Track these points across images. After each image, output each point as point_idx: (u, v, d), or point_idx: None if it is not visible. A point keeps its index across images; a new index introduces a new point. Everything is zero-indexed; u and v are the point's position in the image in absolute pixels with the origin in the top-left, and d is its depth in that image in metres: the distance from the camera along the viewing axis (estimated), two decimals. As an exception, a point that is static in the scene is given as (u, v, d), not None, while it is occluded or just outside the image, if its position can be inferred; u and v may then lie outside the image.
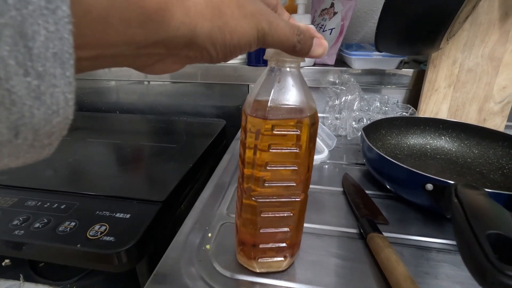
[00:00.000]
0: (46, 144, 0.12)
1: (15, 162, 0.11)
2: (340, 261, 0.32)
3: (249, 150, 0.25)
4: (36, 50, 0.10)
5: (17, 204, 0.41)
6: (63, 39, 0.10)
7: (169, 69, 0.19)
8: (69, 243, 0.35)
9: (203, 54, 0.17)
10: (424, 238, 0.35)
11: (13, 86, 0.09)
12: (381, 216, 0.38)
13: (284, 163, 0.25)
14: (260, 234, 0.28)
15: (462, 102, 0.61)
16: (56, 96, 0.11)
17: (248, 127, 0.25)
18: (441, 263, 0.31)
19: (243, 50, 0.18)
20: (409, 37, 0.45)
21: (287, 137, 0.24)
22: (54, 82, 0.10)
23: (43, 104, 0.10)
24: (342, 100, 0.62)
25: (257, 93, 0.25)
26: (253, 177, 0.26)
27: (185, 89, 0.80)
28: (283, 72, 0.24)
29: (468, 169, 0.50)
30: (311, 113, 0.25)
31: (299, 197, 0.27)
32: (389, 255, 0.29)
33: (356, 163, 0.54)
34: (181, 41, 0.15)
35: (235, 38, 0.17)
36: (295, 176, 0.26)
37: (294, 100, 0.24)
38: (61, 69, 0.10)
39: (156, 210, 0.40)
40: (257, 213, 0.27)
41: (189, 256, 0.32)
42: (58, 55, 0.10)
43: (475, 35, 0.57)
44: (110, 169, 0.51)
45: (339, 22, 0.66)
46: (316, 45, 0.21)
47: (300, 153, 0.25)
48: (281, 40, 0.19)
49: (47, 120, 0.11)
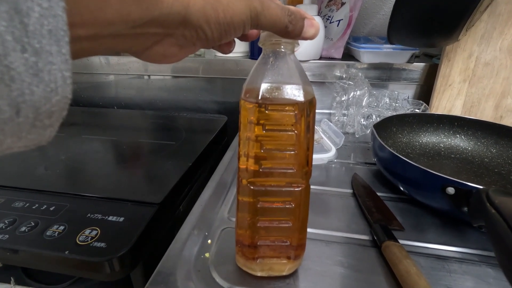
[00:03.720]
0: (47, 125, 0.12)
1: (17, 143, 0.12)
2: (351, 272, 0.29)
3: (244, 140, 0.24)
4: (32, 26, 0.10)
5: (3, 205, 0.38)
6: (57, 16, 0.10)
7: (167, 52, 0.19)
8: (57, 249, 0.32)
9: (199, 33, 0.17)
10: (443, 247, 0.32)
11: (12, 62, 0.10)
12: (396, 222, 0.35)
13: (281, 146, 0.24)
14: (258, 229, 0.26)
15: (478, 98, 0.58)
16: (54, 73, 0.11)
17: (243, 113, 0.24)
18: (465, 276, 0.28)
19: (237, 29, 0.18)
20: (426, 27, 0.41)
21: (283, 118, 0.23)
22: (50, 59, 0.11)
23: (42, 81, 0.11)
24: (350, 95, 0.59)
25: (250, 78, 0.24)
26: (249, 164, 0.24)
27: (185, 83, 0.77)
28: (277, 55, 0.24)
29: (485, 170, 0.46)
30: (307, 96, 0.23)
31: (299, 186, 0.25)
32: (408, 267, 0.26)
33: (365, 163, 0.51)
34: (175, 18, 0.16)
35: (228, 16, 0.17)
36: (293, 161, 0.24)
37: (288, 81, 0.24)
38: (57, 46, 0.11)
39: (152, 213, 0.37)
40: (254, 204, 0.25)
41: (187, 266, 0.29)
42: (53, 32, 0.10)
43: (493, 26, 0.54)
44: (104, 168, 0.48)
45: (347, 12, 0.63)
46: (308, 26, 0.21)
47: (297, 136, 0.24)
48: (273, 20, 0.19)
49: (47, 98, 0.11)
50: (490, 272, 0.29)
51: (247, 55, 0.72)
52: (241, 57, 0.71)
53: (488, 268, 0.29)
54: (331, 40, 0.67)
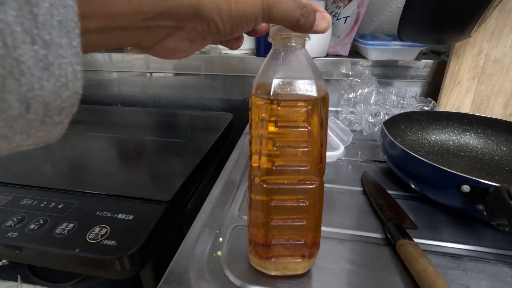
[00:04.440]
0: (57, 122, 0.12)
1: (26, 141, 0.11)
2: (365, 271, 0.29)
3: (255, 137, 0.24)
4: (41, 17, 0.09)
5: (11, 203, 0.38)
6: (67, 6, 0.10)
7: (177, 47, 0.18)
8: (67, 247, 0.32)
9: (211, 26, 0.17)
10: (458, 245, 0.32)
11: (21, 55, 0.09)
12: (409, 220, 0.34)
13: (294, 143, 0.23)
14: (271, 228, 0.25)
15: (487, 95, 0.57)
16: (64, 67, 0.10)
17: (254, 109, 0.23)
18: (481, 275, 0.28)
19: (249, 22, 0.18)
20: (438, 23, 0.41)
21: (295, 115, 0.23)
22: (61, 52, 0.10)
23: (52, 75, 0.10)
24: (358, 93, 0.58)
25: (261, 73, 0.24)
26: (262, 161, 0.24)
27: (189, 81, 0.77)
28: (288, 49, 0.23)
29: (496, 168, 0.46)
30: (320, 91, 0.23)
31: (313, 183, 0.25)
32: (426, 266, 0.25)
33: (374, 160, 0.50)
34: (187, 11, 0.15)
35: (241, 8, 0.17)
36: (307, 158, 0.24)
37: (300, 77, 0.23)
38: (67, 38, 0.10)
39: (161, 211, 0.36)
40: (267, 203, 0.25)
41: (199, 264, 0.28)
42: (63, 24, 0.10)
43: (504, 22, 0.53)
44: (111, 166, 0.48)
45: (354, 9, 0.62)
46: (319, 18, 0.20)
47: (310, 132, 0.23)
48: (285, 13, 0.19)
49: (57, 93, 0.11)
50: (507, 271, 0.28)
51: (252, 52, 0.72)
52: (247, 54, 0.71)
53: (504, 267, 0.29)
54: (338, 37, 0.67)
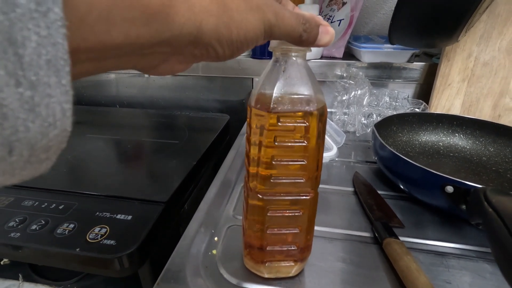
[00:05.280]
0: (44, 159, 0.11)
1: (10, 180, 0.11)
2: (354, 268, 0.30)
3: (254, 146, 0.24)
4: (28, 57, 0.09)
5: (13, 204, 0.39)
6: (56, 44, 0.09)
7: (174, 69, 0.18)
8: (68, 247, 0.33)
9: (209, 51, 0.16)
10: (442, 243, 0.33)
11: (4, 99, 0.09)
12: (396, 219, 0.36)
13: (291, 157, 0.24)
14: (267, 236, 0.26)
15: (476, 97, 0.59)
16: (52, 107, 0.10)
17: (253, 121, 0.24)
18: (463, 271, 0.30)
19: (250, 45, 0.17)
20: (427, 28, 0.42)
21: (294, 130, 0.23)
22: (49, 91, 0.10)
23: (38, 116, 0.10)
24: (351, 95, 0.60)
25: (261, 85, 0.24)
26: (259, 174, 0.24)
27: (187, 82, 0.78)
28: (288, 62, 0.23)
29: (483, 168, 0.47)
30: (319, 105, 0.23)
31: (308, 195, 0.26)
32: (409, 264, 0.27)
33: (366, 161, 0.51)
34: (186, 39, 0.15)
35: (242, 33, 0.16)
36: (303, 171, 0.24)
37: (300, 91, 0.23)
38: (56, 77, 0.10)
39: (159, 211, 0.38)
40: (263, 212, 0.25)
41: (195, 263, 0.30)
42: (52, 62, 0.09)
43: (492, 26, 0.54)
44: (110, 167, 0.49)
45: (348, 12, 0.64)
46: (323, 33, 0.20)
47: (308, 146, 0.24)
48: (287, 31, 0.18)
49: (44, 134, 0.10)
50: (487, 268, 0.30)
51: (249, 54, 0.73)
52: (244, 56, 0.72)
53: (485, 263, 0.30)
54: (332, 39, 0.68)
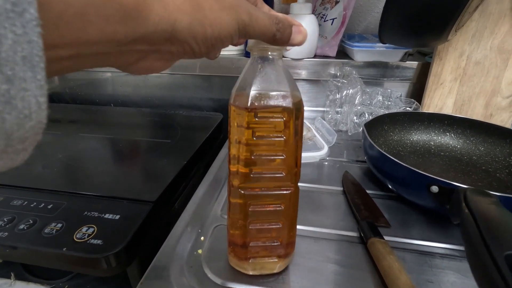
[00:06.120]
0: (20, 150, 0.12)
1: None
2: (338, 268, 0.30)
3: (235, 144, 0.25)
4: (4, 53, 0.09)
5: (2, 204, 0.39)
6: (32, 42, 0.10)
7: (153, 67, 0.18)
8: (55, 246, 0.33)
9: (185, 48, 0.17)
10: (427, 243, 0.33)
11: None
12: (383, 219, 0.36)
13: (270, 152, 0.25)
14: (249, 231, 0.27)
15: (468, 96, 0.59)
16: (28, 100, 0.10)
17: (233, 119, 0.25)
18: (446, 271, 0.30)
19: (224, 42, 0.18)
20: (416, 28, 0.42)
21: (272, 125, 0.24)
22: (24, 85, 0.10)
23: (14, 108, 0.10)
24: (343, 94, 0.60)
25: (239, 84, 0.25)
26: (239, 171, 0.25)
27: (181, 81, 0.78)
28: (265, 61, 0.24)
29: (473, 167, 0.48)
30: (295, 101, 0.24)
31: (288, 189, 0.26)
32: (391, 263, 0.27)
33: (357, 160, 0.52)
34: (161, 36, 0.15)
35: (216, 30, 0.17)
36: (283, 166, 0.25)
37: (277, 88, 0.24)
38: (32, 72, 0.10)
39: (147, 211, 0.38)
40: (245, 208, 0.26)
41: (180, 262, 0.30)
42: (28, 59, 0.10)
43: (484, 25, 0.54)
44: (101, 166, 0.49)
45: (341, 11, 0.63)
46: (295, 32, 0.21)
47: (286, 141, 0.24)
48: (261, 31, 0.19)
49: (20, 125, 0.11)
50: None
51: (242, 53, 0.73)
52: (236, 55, 0.72)
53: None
54: (325, 38, 0.68)
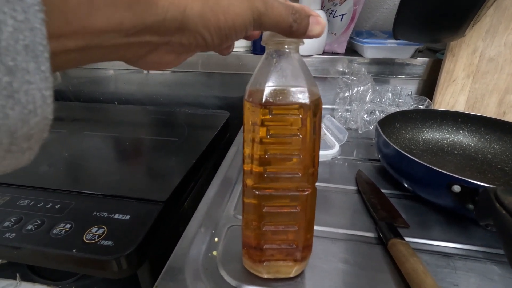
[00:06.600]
0: (25, 149, 0.11)
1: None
2: (357, 270, 0.29)
3: (249, 142, 0.24)
4: (4, 42, 0.09)
5: (8, 203, 0.38)
6: (34, 29, 0.09)
7: (163, 60, 0.18)
8: (64, 247, 0.32)
9: (197, 39, 0.16)
10: (448, 244, 0.32)
11: None
12: (401, 219, 0.35)
13: (286, 151, 0.23)
14: (263, 233, 0.26)
15: (481, 94, 0.58)
16: (32, 93, 0.10)
17: (247, 116, 0.23)
18: (470, 273, 0.29)
19: (239, 33, 0.17)
20: (433, 23, 0.41)
21: (287, 122, 0.23)
22: (27, 78, 0.09)
23: (18, 103, 0.09)
24: (353, 91, 0.59)
25: (254, 80, 0.24)
26: (253, 169, 0.24)
27: (186, 78, 0.76)
28: (281, 55, 0.23)
29: (488, 166, 0.47)
30: (312, 98, 0.23)
31: (305, 191, 0.25)
32: (415, 266, 0.26)
33: (368, 159, 0.51)
34: (171, 25, 0.15)
35: (229, 19, 0.16)
36: (299, 166, 0.24)
37: (293, 83, 0.23)
38: (35, 63, 0.09)
39: (158, 211, 0.37)
40: (260, 209, 0.25)
41: (195, 264, 0.29)
42: (30, 48, 0.09)
43: (499, 21, 0.53)
44: (108, 165, 0.48)
45: (351, 7, 0.62)
46: (313, 23, 0.20)
47: (302, 140, 0.23)
48: (277, 21, 0.18)
49: (24, 121, 0.10)
50: (495, 269, 0.29)
51: (249, 50, 0.71)
52: (243, 51, 0.71)
53: (493, 265, 0.30)
54: (334, 34, 0.67)
